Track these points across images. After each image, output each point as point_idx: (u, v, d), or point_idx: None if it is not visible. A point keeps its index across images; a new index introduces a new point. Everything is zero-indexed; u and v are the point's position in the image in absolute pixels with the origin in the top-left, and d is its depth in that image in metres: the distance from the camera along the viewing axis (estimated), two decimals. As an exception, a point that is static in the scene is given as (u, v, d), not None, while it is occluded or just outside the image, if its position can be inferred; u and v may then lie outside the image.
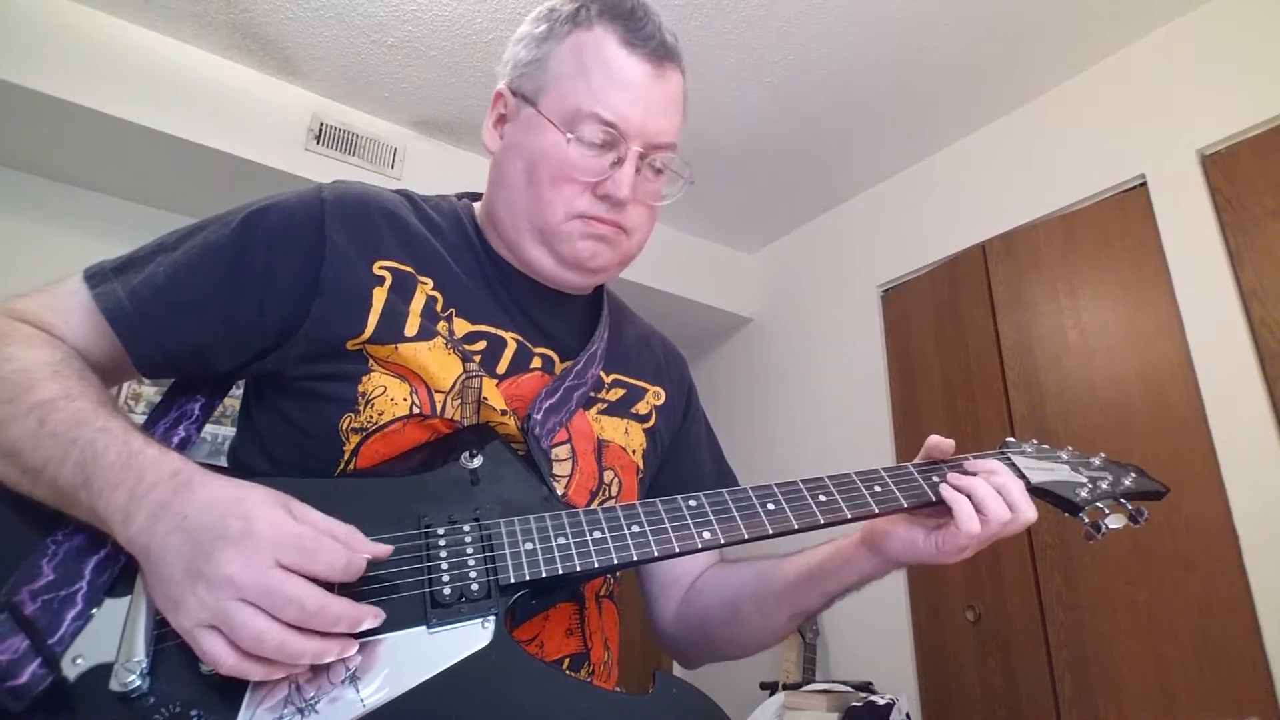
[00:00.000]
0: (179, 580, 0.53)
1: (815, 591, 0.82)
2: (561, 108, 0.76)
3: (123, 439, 0.59)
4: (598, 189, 0.77)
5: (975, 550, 0.75)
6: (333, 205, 0.75)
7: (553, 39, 0.79)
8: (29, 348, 0.65)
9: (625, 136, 0.76)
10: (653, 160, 0.79)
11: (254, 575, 0.52)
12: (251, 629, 0.51)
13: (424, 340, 0.74)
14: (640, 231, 0.83)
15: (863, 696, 2.36)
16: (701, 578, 0.92)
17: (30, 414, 0.59)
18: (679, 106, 0.82)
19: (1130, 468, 0.86)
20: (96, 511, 0.56)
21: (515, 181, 0.79)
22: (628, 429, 0.86)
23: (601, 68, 0.76)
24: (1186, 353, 2.09)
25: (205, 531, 0.53)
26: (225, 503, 0.55)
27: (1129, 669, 2.03)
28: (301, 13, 2.38)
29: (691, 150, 0.81)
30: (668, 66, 0.79)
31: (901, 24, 2.37)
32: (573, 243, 0.79)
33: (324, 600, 0.53)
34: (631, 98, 0.76)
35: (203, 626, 0.52)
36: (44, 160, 2.60)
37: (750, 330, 3.72)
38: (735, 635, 0.87)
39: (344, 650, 0.55)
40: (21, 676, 0.52)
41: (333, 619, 0.53)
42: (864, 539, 0.79)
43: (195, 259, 0.71)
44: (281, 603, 0.52)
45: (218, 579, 0.52)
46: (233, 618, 0.51)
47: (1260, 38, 2.11)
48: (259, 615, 0.52)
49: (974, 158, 2.83)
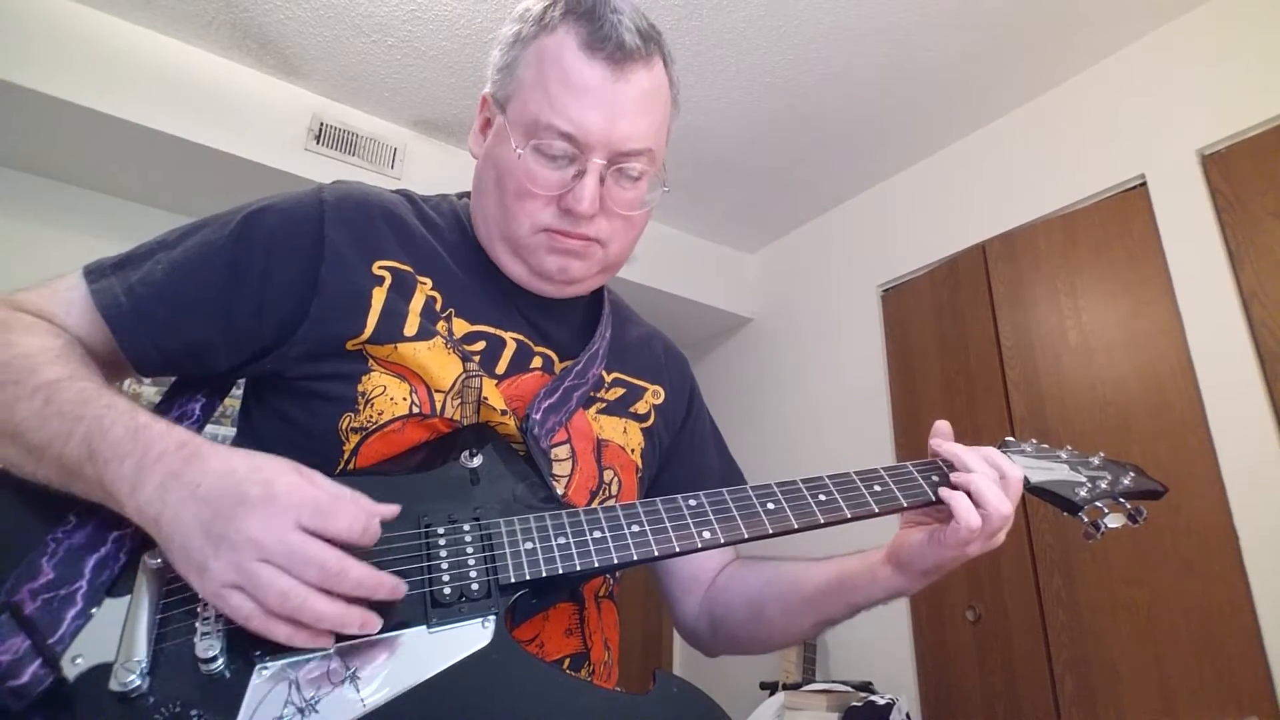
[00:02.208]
0: (199, 545, 0.53)
1: (841, 602, 0.81)
2: (523, 117, 0.74)
3: (129, 414, 0.59)
4: (560, 202, 0.75)
5: (982, 547, 0.74)
6: (332, 205, 0.75)
7: (520, 44, 0.76)
8: (33, 335, 0.65)
9: (585, 148, 0.73)
10: (624, 168, 0.75)
11: (277, 536, 0.53)
12: (277, 586, 0.52)
13: (424, 340, 0.74)
14: (618, 241, 0.80)
15: (863, 696, 2.36)
16: (723, 575, 0.92)
17: (36, 394, 0.60)
18: (653, 106, 0.76)
19: (1129, 467, 0.86)
20: (103, 483, 0.56)
21: (489, 190, 0.79)
22: (626, 428, 0.86)
23: (559, 75, 0.72)
24: (1186, 353, 2.09)
25: (225, 498, 0.54)
26: (242, 470, 0.56)
27: (1129, 669, 2.03)
28: (301, 13, 2.38)
29: (692, 150, 0.79)
30: (632, 66, 0.74)
31: (902, 24, 2.37)
32: (540, 256, 0.77)
33: (345, 563, 0.54)
34: (589, 105, 0.72)
35: (228, 587, 0.53)
36: (44, 160, 2.60)
37: (750, 330, 3.72)
38: (759, 634, 0.87)
39: (365, 624, 0.55)
40: (22, 676, 0.51)
41: (354, 582, 0.54)
42: (889, 555, 0.78)
43: (194, 258, 0.71)
44: (302, 563, 0.53)
45: (241, 541, 0.53)
46: (258, 576, 0.52)
47: (1260, 38, 2.11)
48: (282, 574, 0.53)
49: (974, 158, 2.83)
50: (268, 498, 0.54)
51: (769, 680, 2.68)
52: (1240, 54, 2.15)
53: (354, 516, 0.56)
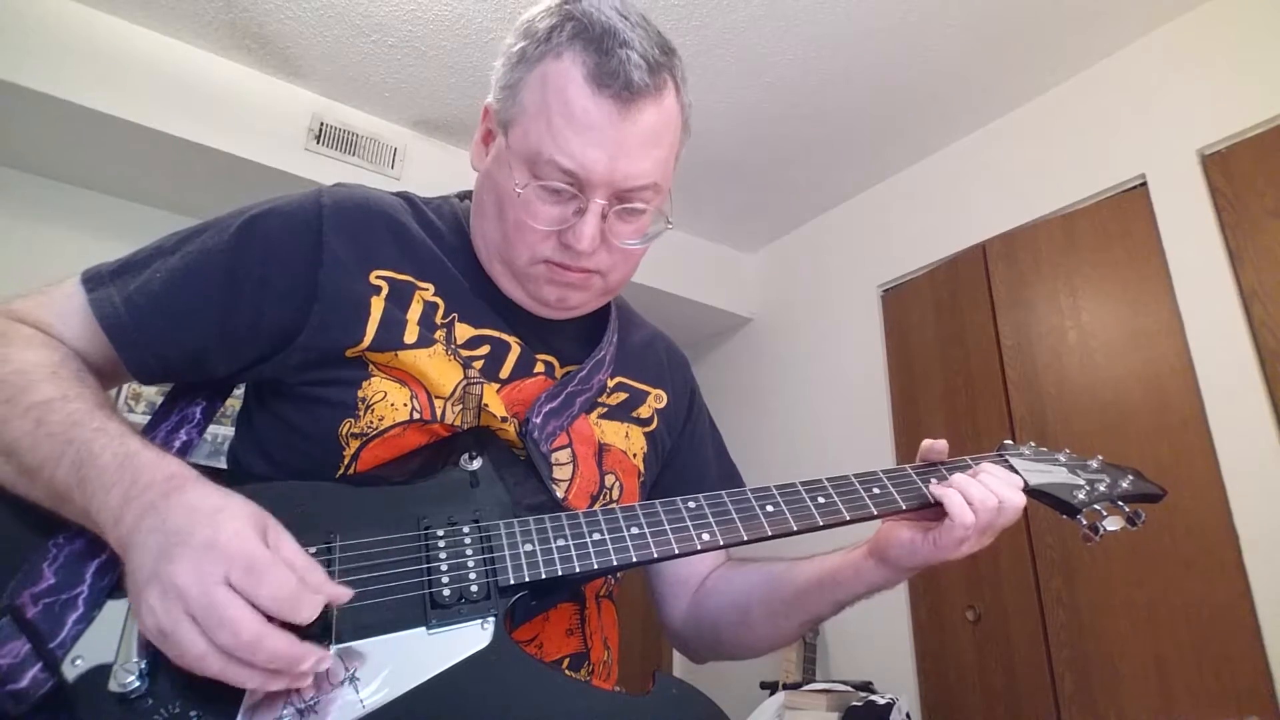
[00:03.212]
0: (140, 581, 0.51)
1: (826, 599, 0.81)
2: (525, 147, 0.71)
3: (119, 440, 0.58)
4: (561, 237, 0.73)
5: (975, 544, 0.75)
6: (331, 210, 0.75)
7: (525, 63, 0.73)
8: (27, 349, 0.65)
9: (586, 186, 0.71)
10: (627, 205, 0.73)
11: (201, 589, 0.49)
12: (194, 650, 0.49)
13: (423, 348, 0.74)
14: (618, 270, 0.79)
15: (863, 696, 2.36)
16: (710, 578, 0.92)
17: (28, 414, 0.59)
18: (660, 140, 0.74)
19: (1128, 470, 0.86)
20: (90, 514, 0.55)
21: (489, 214, 0.78)
22: (628, 433, 0.86)
23: (562, 109, 0.69)
24: (1186, 353, 2.09)
25: (174, 536, 0.51)
26: (203, 511, 0.53)
27: (1129, 669, 2.03)
28: (301, 13, 2.38)
29: (692, 150, 0.78)
30: (639, 104, 0.71)
31: (902, 24, 2.37)
32: (539, 286, 0.77)
33: (260, 632, 0.50)
34: (592, 143, 0.69)
35: (156, 632, 0.51)
36: (44, 160, 2.60)
37: (750, 330, 3.72)
38: (745, 638, 0.87)
39: (295, 683, 0.52)
40: (22, 681, 0.51)
41: (266, 656, 0.50)
42: (871, 550, 0.79)
43: (192, 265, 0.71)
44: (216, 624, 0.49)
45: (169, 585, 0.50)
46: (177, 632, 0.49)
47: (1260, 38, 2.11)
48: (201, 636, 0.49)
49: (974, 158, 2.83)
50: (209, 544, 0.51)
51: (769, 680, 2.68)
52: (1240, 54, 2.15)
53: (281, 585, 0.51)
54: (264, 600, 0.51)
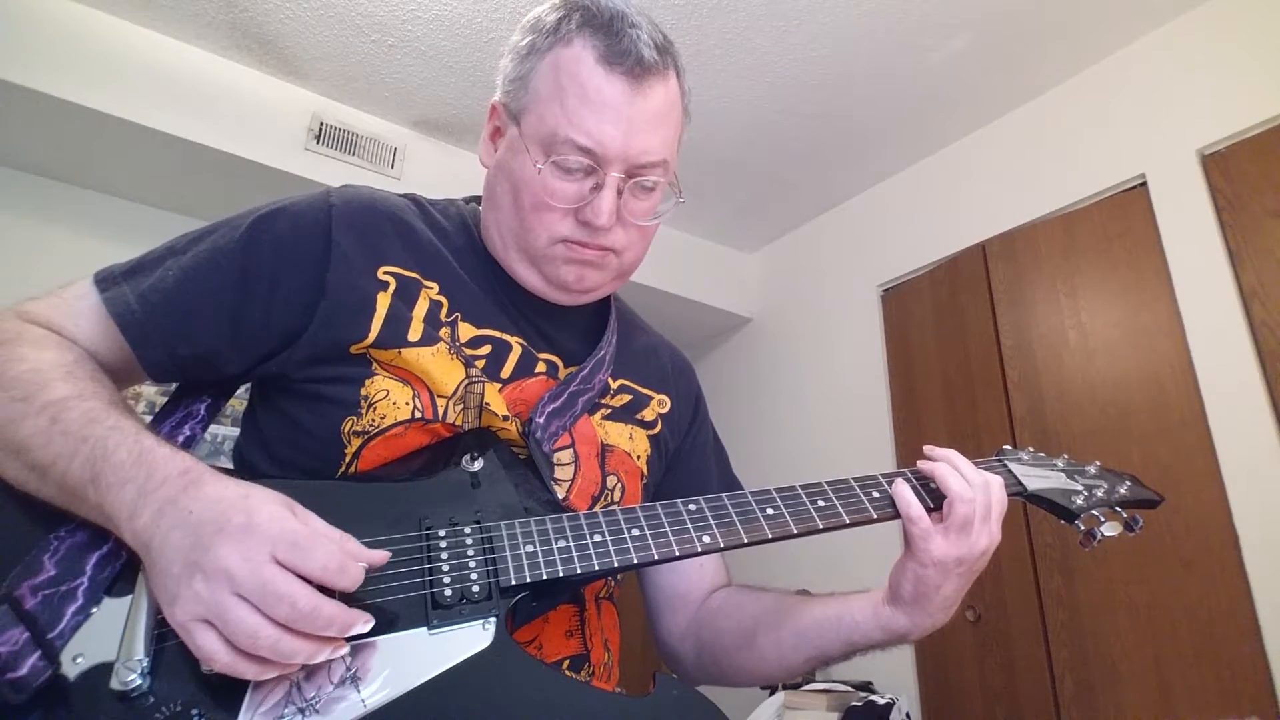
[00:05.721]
0: (177, 574, 0.52)
1: (839, 639, 0.79)
2: (540, 131, 0.74)
3: (134, 437, 0.59)
4: (578, 215, 0.75)
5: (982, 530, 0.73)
6: (340, 211, 0.76)
7: (534, 55, 0.76)
8: (42, 349, 0.65)
9: (603, 162, 0.73)
10: (641, 180, 0.76)
11: (250, 569, 0.51)
12: (246, 626, 0.51)
13: (427, 346, 0.74)
14: (633, 249, 0.81)
15: (863, 696, 2.36)
16: (715, 598, 0.90)
17: (43, 412, 0.60)
18: (668, 119, 0.77)
19: (1126, 476, 0.86)
20: (104, 508, 0.56)
21: (503, 203, 0.79)
22: (632, 434, 0.86)
23: (576, 89, 0.72)
24: (1186, 353, 2.09)
25: (207, 526, 0.53)
26: (230, 499, 0.55)
27: (1129, 669, 2.04)
28: (301, 13, 2.39)
29: (692, 150, 0.79)
30: (649, 81, 0.74)
31: (902, 24, 2.37)
32: (557, 266, 0.78)
33: (317, 601, 0.53)
34: (608, 120, 0.72)
35: (198, 621, 0.52)
36: (44, 160, 2.60)
37: (750, 330, 3.73)
38: (747, 664, 0.85)
39: (336, 652, 0.55)
40: (21, 669, 0.51)
41: (324, 621, 0.53)
42: (888, 588, 0.78)
43: (204, 263, 0.72)
44: (274, 599, 0.51)
45: (214, 570, 0.51)
46: (228, 614, 0.51)
47: (1260, 38, 2.11)
48: (254, 612, 0.51)
49: (974, 158, 2.84)
50: (247, 527, 0.53)
51: (769, 680, 2.68)
52: (1240, 54, 2.15)
53: (330, 555, 0.54)
54: (314, 571, 0.53)
